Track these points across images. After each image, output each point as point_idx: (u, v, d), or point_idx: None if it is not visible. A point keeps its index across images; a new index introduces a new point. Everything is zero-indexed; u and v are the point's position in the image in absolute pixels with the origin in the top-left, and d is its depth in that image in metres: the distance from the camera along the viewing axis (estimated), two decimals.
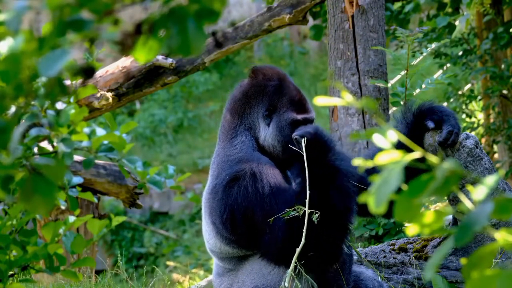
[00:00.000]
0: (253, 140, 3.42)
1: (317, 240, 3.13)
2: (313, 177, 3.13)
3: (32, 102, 1.72)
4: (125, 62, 5.57)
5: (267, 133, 3.42)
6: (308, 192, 3.10)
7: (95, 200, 2.30)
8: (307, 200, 3.08)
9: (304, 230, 3.07)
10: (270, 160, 3.33)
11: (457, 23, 7.30)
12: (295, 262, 3.13)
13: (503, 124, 7.83)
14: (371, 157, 3.44)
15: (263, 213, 3.18)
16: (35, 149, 1.83)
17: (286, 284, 3.16)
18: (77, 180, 2.24)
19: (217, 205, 3.30)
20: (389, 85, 4.96)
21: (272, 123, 3.41)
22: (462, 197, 1.53)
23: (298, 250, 3.10)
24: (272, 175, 3.22)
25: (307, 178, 3.13)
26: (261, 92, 3.45)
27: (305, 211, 3.09)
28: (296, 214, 3.10)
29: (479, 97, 8.37)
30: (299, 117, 3.40)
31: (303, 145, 3.18)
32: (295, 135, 3.25)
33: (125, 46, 1.40)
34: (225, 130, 3.47)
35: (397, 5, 8.28)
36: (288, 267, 3.25)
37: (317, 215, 3.07)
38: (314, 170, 3.14)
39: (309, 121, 3.42)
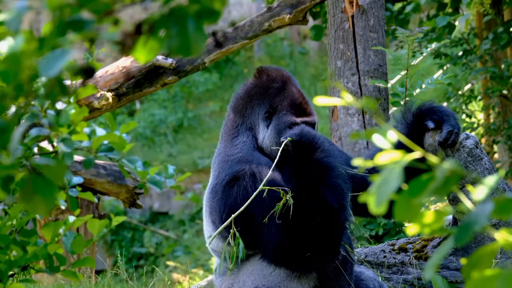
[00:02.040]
0: (254, 141, 3.42)
1: (313, 239, 3.12)
2: (303, 177, 3.14)
3: (32, 102, 1.72)
4: (125, 62, 5.58)
5: (265, 135, 3.41)
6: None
7: (95, 200, 2.30)
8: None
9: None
10: (269, 160, 3.33)
11: (457, 23, 7.30)
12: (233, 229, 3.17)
13: (503, 124, 7.83)
14: (371, 157, 3.44)
15: (262, 214, 3.18)
16: (35, 149, 1.83)
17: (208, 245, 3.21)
18: (77, 180, 2.24)
19: (217, 205, 3.30)
20: (389, 85, 4.96)
21: (271, 125, 3.41)
22: (462, 197, 1.53)
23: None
24: (271, 176, 3.22)
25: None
26: (263, 93, 3.45)
27: (290, 205, 3.10)
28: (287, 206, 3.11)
29: (479, 97, 8.37)
30: (298, 120, 3.38)
31: (282, 145, 3.20)
32: (282, 138, 3.27)
33: (125, 46, 1.40)
34: (228, 129, 3.48)
35: (397, 5, 8.29)
36: (288, 268, 3.25)
37: (290, 194, 3.09)
38: (302, 170, 3.15)
39: (310, 124, 3.41)
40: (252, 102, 3.46)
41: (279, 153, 3.20)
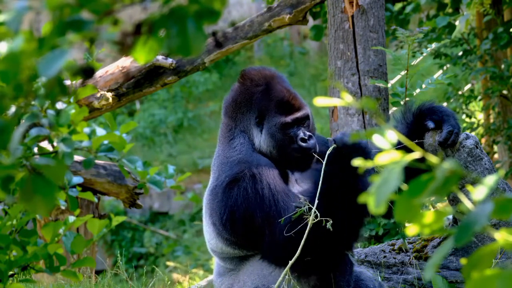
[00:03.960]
0: (250, 142, 3.42)
1: (319, 249, 3.13)
2: (333, 187, 3.10)
3: (32, 102, 1.72)
4: (125, 62, 5.57)
5: (260, 139, 3.40)
6: (316, 201, 3.08)
7: (95, 200, 2.30)
8: (313, 210, 3.08)
9: (305, 236, 3.07)
10: (269, 161, 3.32)
11: (457, 23, 7.29)
12: (289, 270, 3.12)
13: (503, 124, 7.83)
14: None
15: (263, 215, 3.18)
16: (35, 149, 1.83)
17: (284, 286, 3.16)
18: (77, 180, 2.24)
19: (217, 207, 3.30)
20: (389, 85, 4.96)
21: (263, 129, 3.39)
22: (462, 197, 1.53)
23: (292, 260, 3.09)
24: (271, 177, 3.22)
25: (319, 187, 3.11)
26: (249, 99, 3.42)
27: (310, 217, 3.08)
28: (303, 220, 3.08)
29: (479, 97, 8.37)
30: (289, 119, 3.36)
31: (329, 151, 3.14)
32: (330, 140, 3.20)
33: (124, 46, 1.40)
34: (223, 133, 3.48)
35: (398, 6, 8.29)
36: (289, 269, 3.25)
37: (330, 223, 3.05)
38: (335, 179, 3.11)
39: (300, 120, 3.39)
40: (241, 109, 3.44)
41: (325, 162, 3.12)
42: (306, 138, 3.34)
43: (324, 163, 3.11)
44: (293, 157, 3.36)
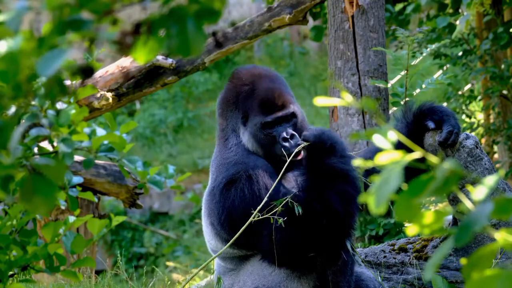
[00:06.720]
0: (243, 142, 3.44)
1: (314, 240, 3.13)
2: (311, 179, 3.13)
3: (32, 102, 1.72)
4: (125, 62, 5.57)
5: (246, 138, 3.41)
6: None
7: (95, 200, 2.30)
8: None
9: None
10: (265, 161, 3.33)
11: (457, 23, 7.29)
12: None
13: (503, 124, 7.82)
14: (371, 157, 3.44)
15: (261, 215, 3.19)
16: (35, 149, 1.83)
17: None
18: (77, 180, 2.24)
19: (215, 207, 3.31)
20: (389, 85, 4.96)
21: (247, 129, 3.40)
22: (462, 197, 1.53)
23: None
24: (268, 177, 3.23)
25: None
26: (235, 98, 3.43)
27: (294, 207, 3.11)
28: (282, 209, 3.12)
29: (479, 98, 8.37)
30: (269, 118, 3.35)
31: (296, 149, 3.21)
32: (298, 141, 3.28)
33: (124, 46, 1.40)
34: (219, 133, 3.51)
35: (398, 6, 8.29)
36: (289, 268, 3.25)
37: (299, 208, 3.09)
38: (313, 172, 3.14)
39: (282, 118, 3.37)
40: (230, 107, 3.46)
41: (290, 157, 3.21)
42: (288, 137, 3.32)
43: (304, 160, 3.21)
44: (278, 157, 3.34)
